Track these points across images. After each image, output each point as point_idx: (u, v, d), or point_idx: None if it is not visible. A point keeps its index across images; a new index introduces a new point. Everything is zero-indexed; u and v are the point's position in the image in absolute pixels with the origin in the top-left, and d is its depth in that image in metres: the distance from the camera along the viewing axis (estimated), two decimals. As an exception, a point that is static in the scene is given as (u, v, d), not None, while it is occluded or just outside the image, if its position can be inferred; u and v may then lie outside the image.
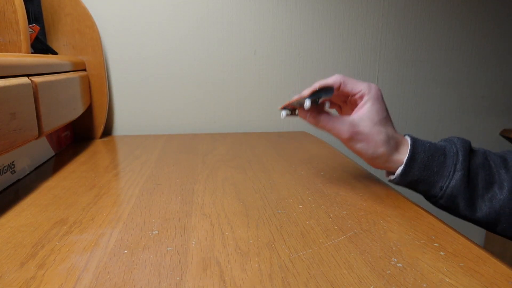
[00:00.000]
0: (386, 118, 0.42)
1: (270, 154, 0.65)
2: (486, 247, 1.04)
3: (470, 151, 0.41)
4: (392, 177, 0.43)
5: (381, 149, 0.41)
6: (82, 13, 0.73)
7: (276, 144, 0.72)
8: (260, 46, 0.85)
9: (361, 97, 0.43)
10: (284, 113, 0.44)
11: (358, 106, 0.43)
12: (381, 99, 0.43)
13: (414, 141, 0.42)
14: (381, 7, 0.88)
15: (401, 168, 0.41)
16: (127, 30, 0.80)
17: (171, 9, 0.81)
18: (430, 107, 0.95)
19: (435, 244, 0.32)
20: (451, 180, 0.40)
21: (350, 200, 0.43)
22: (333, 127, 0.41)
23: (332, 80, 0.44)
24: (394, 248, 0.31)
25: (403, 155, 0.41)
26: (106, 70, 0.79)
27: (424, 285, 0.26)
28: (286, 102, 0.44)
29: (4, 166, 0.48)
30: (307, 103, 0.38)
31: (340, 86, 0.44)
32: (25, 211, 0.40)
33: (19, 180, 0.51)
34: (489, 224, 0.40)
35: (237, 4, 0.83)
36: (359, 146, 0.41)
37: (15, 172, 0.50)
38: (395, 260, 0.30)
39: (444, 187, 0.40)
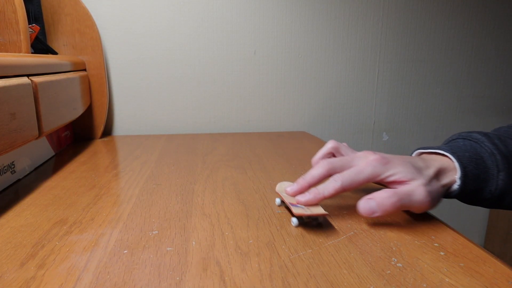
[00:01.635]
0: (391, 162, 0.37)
1: (270, 154, 0.65)
2: (486, 247, 1.04)
3: (496, 144, 0.40)
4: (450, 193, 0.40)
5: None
6: (82, 13, 0.73)
7: (276, 144, 0.72)
8: (260, 46, 0.85)
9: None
10: (295, 221, 0.36)
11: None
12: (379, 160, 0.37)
13: (457, 157, 0.38)
14: (381, 7, 0.88)
15: (456, 186, 0.38)
16: (127, 30, 0.80)
17: (171, 9, 0.81)
18: (430, 107, 0.95)
19: (435, 244, 0.32)
20: (498, 181, 0.38)
21: (350, 200, 0.43)
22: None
23: (326, 149, 0.44)
24: (394, 248, 0.31)
25: (448, 177, 0.38)
26: (106, 70, 0.79)
27: (424, 285, 0.26)
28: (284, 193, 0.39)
29: (4, 166, 0.48)
30: (294, 222, 0.36)
31: (333, 154, 0.44)
32: (25, 211, 0.40)
33: (19, 180, 0.51)
34: None
35: (237, 4, 0.83)
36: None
37: (15, 172, 0.50)
38: (395, 260, 0.30)
39: (493, 190, 0.39)
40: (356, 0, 0.87)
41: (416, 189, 0.35)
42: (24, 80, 0.44)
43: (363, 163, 0.37)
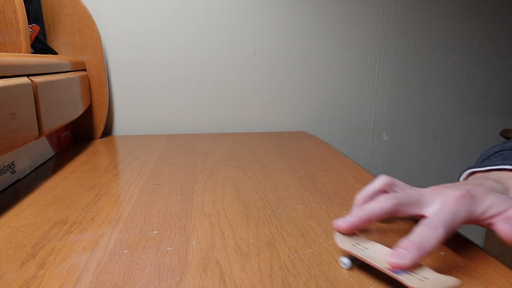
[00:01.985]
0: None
1: (270, 154, 0.65)
2: (486, 247, 1.04)
3: None
4: None
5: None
6: (82, 13, 0.73)
7: (276, 144, 0.72)
8: (260, 46, 0.85)
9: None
10: (347, 262, 0.29)
11: None
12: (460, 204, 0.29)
13: None
14: (381, 7, 0.88)
15: None
16: (127, 30, 0.80)
17: (171, 9, 0.81)
18: (430, 107, 0.95)
19: (435, 244, 0.32)
20: None
21: (350, 200, 0.43)
22: None
23: (377, 185, 0.34)
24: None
25: None
26: (106, 70, 0.79)
27: (424, 285, 0.26)
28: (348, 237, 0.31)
29: (4, 166, 0.48)
30: (347, 263, 0.28)
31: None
32: (25, 211, 0.40)
33: (19, 180, 0.51)
34: None
35: (237, 4, 0.83)
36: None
37: (15, 172, 0.50)
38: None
39: None
40: (356, 0, 0.87)
41: None
42: (24, 80, 0.44)
43: (447, 201, 0.29)
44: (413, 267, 0.26)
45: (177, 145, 0.72)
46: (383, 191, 0.34)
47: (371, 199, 0.33)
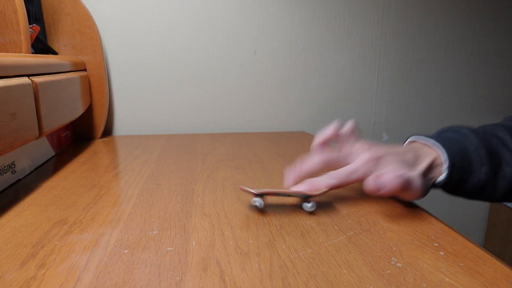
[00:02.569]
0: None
1: (270, 154, 0.65)
2: (486, 247, 1.04)
3: (481, 139, 0.43)
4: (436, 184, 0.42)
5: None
6: (82, 13, 0.73)
7: (276, 144, 0.72)
8: (260, 46, 0.85)
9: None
10: (259, 200, 0.39)
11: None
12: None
13: (448, 149, 0.41)
14: (381, 7, 0.88)
15: (443, 177, 0.40)
16: (127, 30, 0.80)
17: (171, 9, 0.81)
18: (430, 107, 0.95)
19: (435, 244, 0.32)
20: (481, 174, 0.41)
21: (350, 200, 0.43)
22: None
23: (328, 133, 0.45)
24: (394, 248, 0.31)
25: (437, 171, 0.41)
26: (106, 70, 0.79)
27: (424, 285, 0.26)
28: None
29: (5, 166, 0.48)
30: (259, 201, 0.38)
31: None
32: (25, 211, 0.40)
33: (19, 180, 0.51)
34: (503, 198, 0.44)
35: (237, 4, 0.83)
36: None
37: (15, 172, 0.50)
38: (395, 260, 0.30)
39: (475, 182, 0.42)
40: (356, 0, 0.87)
41: (415, 177, 0.37)
42: (25, 80, 0.44)
43: (357, 163, 0.39)
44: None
45: (177, 145, 0.72)
46: (334, 136, 0.45)
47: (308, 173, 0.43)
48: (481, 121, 0.97)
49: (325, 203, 0.42)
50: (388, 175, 0.35)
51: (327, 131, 0.45)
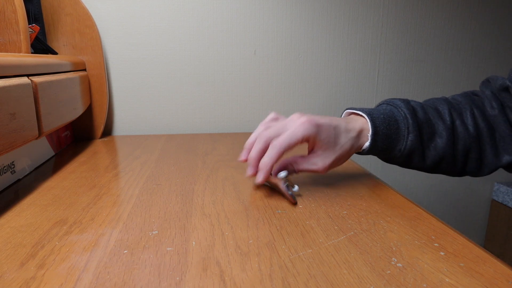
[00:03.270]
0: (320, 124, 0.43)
1: (270, 154, 0.64)
2: (486, 247, 1.04)
3: (413, 110, 0.46)
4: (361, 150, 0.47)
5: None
6: (82, 13, 0.73)
7: (276, 144, 0.72)
8: (260, 46, 0.85)
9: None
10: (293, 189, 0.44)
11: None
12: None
13: (372, 117, 0.45)
14: (381, 7, 0.88)
15: (367, 144, 0.45)
16: (127, 30, 0.80)
17: (171, 9, 0.81)
18: (430, 107, 0.95)
19: (435, 244, 0.32)
20: (407, 142, 0.45)
21: (350, 200, 0.43)
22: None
23: (266, 120, 0.48)
24: (394, 248, 0.31)
25: (364, 137, 0.45)
26: (106, 70, 0.79)
27: (424, 285, 0.26)
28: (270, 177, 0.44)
29: (4, 166, 0.48)
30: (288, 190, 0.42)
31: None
32: (25, 211, 0.40)
33: (19, 180, 0.51)
34: (433, 168, 0.48)
35: (237, 4, 0.83)
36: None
37: (15, 172, 0.50)
38: (395, 260, 0.30)
39: (402, 149, 0.45)
40: (356, 0, 0.87)
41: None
42: (24, 80, 0.44)
43: (295, 125, 0.41)
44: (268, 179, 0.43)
45: (177, 145, 0.72)
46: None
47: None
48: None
49: (325, 203, 0.42)
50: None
51: (266, 120, 0.47)
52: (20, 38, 0.52)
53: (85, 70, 0.75)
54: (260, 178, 0.42)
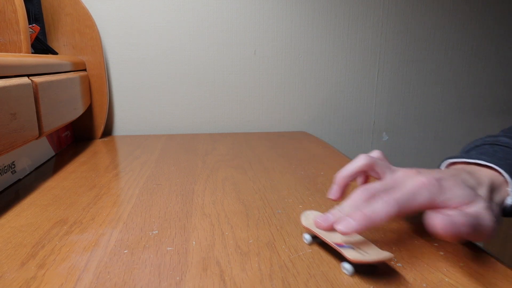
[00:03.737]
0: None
1: (270, 154, 0.65)
2: (486, 247, 1.04)
3: None
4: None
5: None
6: (82, 13, 0.73)
7: (276, 144, 0.72)
8: (260, 46, 0.85)
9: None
10: (349, 268, 0.28)
11: None
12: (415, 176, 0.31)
13: (503, 166, 0.34)
14: (381, 7, 0.88)
15: (511, 200, 0.34)
16: (127, 30, 0.80)
17: (171, 9, 0.81)
18: (430, 107, 0.95)
19: (435, 244, 0.32)
20: None
21: (350, 200, 0.43)
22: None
23: (356, 166, 0.35)
24: (394, 248, 0.31)
25: (500, 193, 0.34)
26: (106, 70, 0.79)
27: (424, 285, 0.26)
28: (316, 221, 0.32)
29: (5, 166, 0.48)
30: (349, 270, 0.28)
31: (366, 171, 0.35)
32: (25, 211, 0.40)
33: (19, 180, 0.51)
34: None
35: (237, 4, 0.83)
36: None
37: (15, 172, 0.50)
38: (395, 260, 0.30)
39: None
40: (356, 0, 0.87)
41: (482, 212, 0.29)
42: (25, 80, 0.44)
43: (414, 184, 0.30)
44: (360, 243, 0.29)
45: (177, 145, 0.72)
46: (364, 172, 0.35)
47: (352, 179, 0.35)
48: (481, 121, 0.97)
49: (325, 203, 0.42)
50: (452, 212, 0.27)
51: (355, 164, 0.35)
52: (21, 38, 0.52)
53: (85, 70, 0.75)
54: (342, 227, 0.28)
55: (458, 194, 0.30)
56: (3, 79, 0.40)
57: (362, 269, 0.28)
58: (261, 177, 0.51)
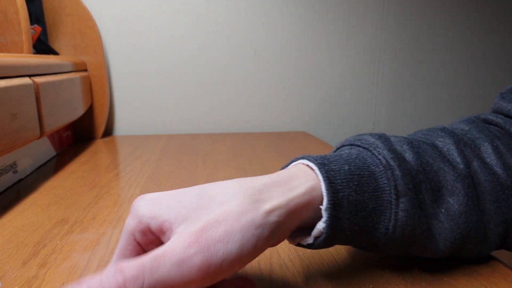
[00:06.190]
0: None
1: (270, 154, 0.65)
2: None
3: (397, 152, 0.26)
4: (306, 241, 0.24)
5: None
6: (83, 14, 0.73)
7: (276, 144, 0.72)
8: (260, 46, 0.86)
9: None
10: None
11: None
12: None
13: (326, 171, 0.23)
14: (381, 7, 0.88)
15: (321, 226, 0.23)
16: (128, 31, 0.81)
17: (171, 10, 0.81)
18: (430, 107, 0.95)
19: (435, 244, 0.32)
20: (397, 214, 0.24)
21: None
22: None
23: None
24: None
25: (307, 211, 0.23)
26: (107, 70, 0.79)
27: (424, 285, 0.26)
28: None
29: (6, 166, 0.48)
30: None
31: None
32: (26, 211, 0.40)
33: (20, 180, 0.51)
34: (453, 251, 0.26)
35: (237, 4, 0.83)
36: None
37: (17, 172, 0.50)
38: (395, 259, 0.30)
39: (390, 229, 0.24)
40: (356, 0, 0.87)
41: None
42: (26, 80, 0.44)
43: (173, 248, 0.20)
44: None
45: (178, 145, 0.72)
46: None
47: None
48: (481, 121, 0.97)
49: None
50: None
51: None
52: (22, 38, 0.52)
53: (86, 70, 0.76)
54: None
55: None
56: (5, 79, 0.40)
57: (362, 268, 0.28)
58: (261, 177, 0.51)
